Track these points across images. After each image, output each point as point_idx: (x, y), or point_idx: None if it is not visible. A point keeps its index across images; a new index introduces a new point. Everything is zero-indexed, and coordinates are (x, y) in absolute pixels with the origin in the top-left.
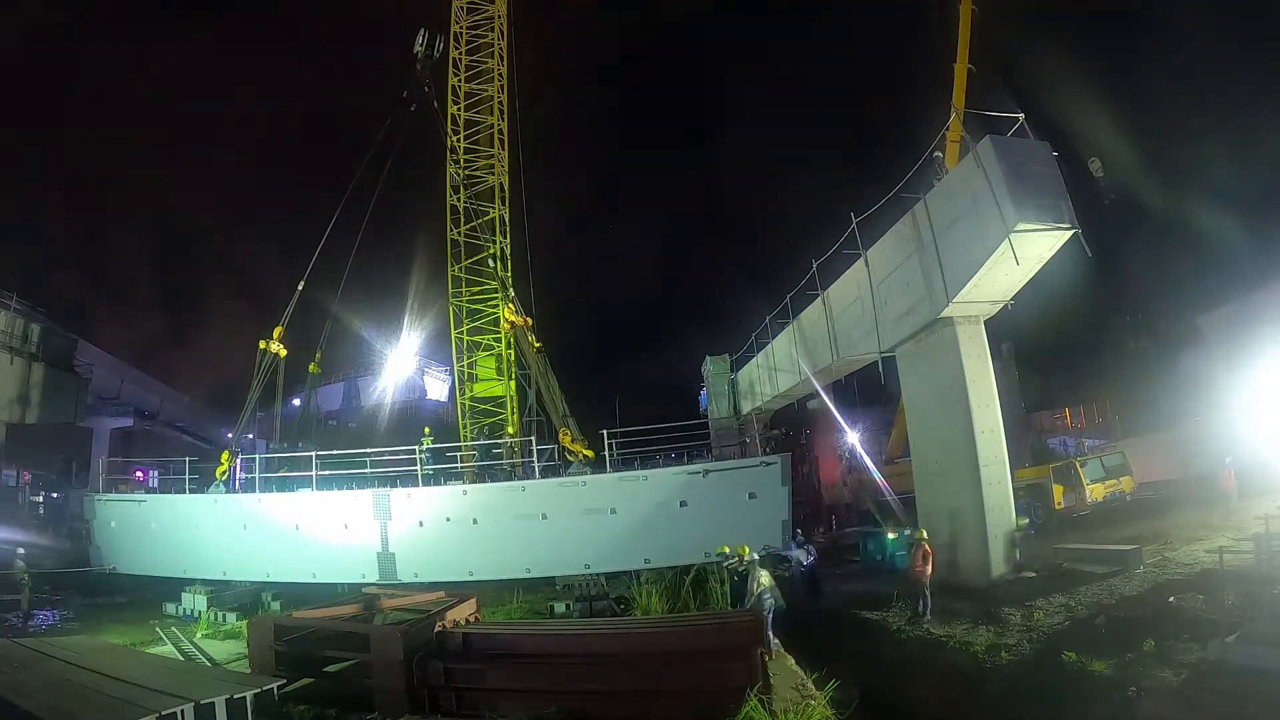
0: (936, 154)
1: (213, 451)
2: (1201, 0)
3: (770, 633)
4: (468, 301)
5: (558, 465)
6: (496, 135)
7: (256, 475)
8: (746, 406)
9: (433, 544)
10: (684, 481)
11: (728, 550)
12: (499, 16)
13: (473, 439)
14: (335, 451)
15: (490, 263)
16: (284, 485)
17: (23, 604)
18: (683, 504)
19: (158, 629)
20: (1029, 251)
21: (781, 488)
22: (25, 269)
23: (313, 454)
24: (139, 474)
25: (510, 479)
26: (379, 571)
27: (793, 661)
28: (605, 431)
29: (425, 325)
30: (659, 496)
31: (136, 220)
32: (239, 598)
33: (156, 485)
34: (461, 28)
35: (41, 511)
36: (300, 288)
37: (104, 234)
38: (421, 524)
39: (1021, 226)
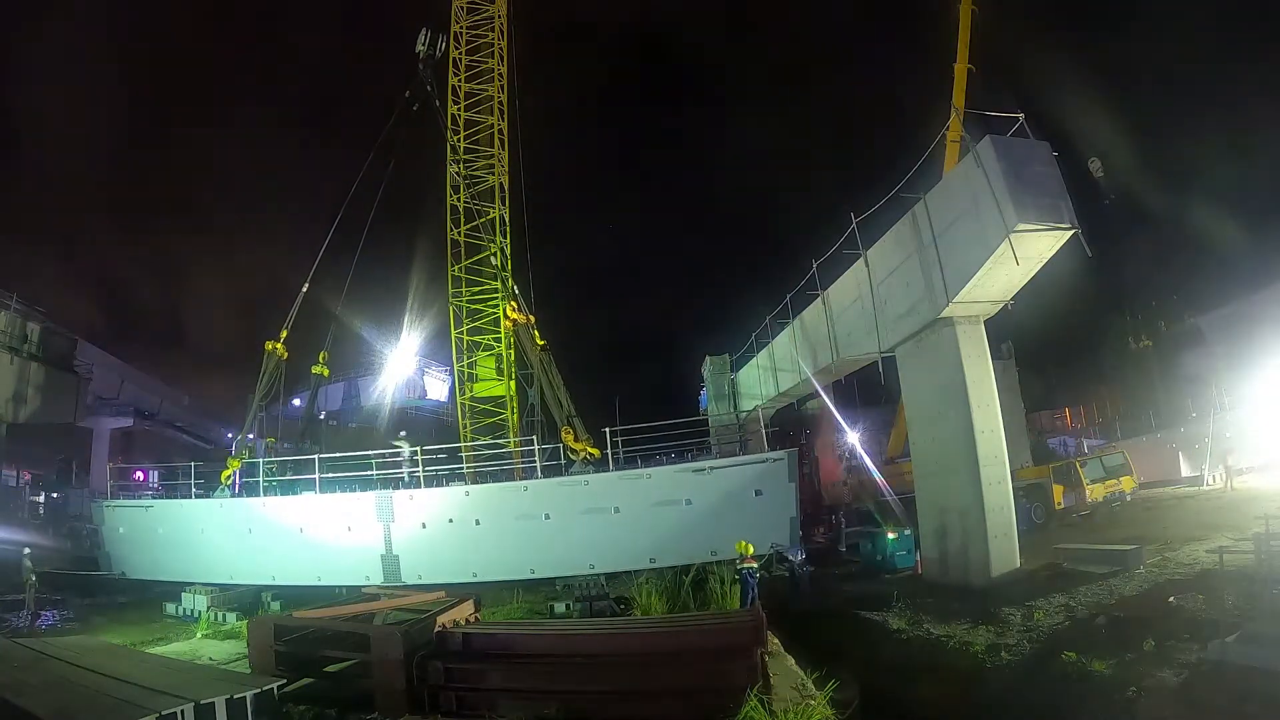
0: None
1: (213, 452)
2: (1201, 1)
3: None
4: (468, 301)
5: (561, 465)
6: (496, 135)
7: (260, 479)
8: (747, 406)
9: (436, 545)
10: (688, 479)
11: (752, 550)
12: (499, 16)
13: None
14: (339, 454)
15: (491, 261)
16: (287, 488)
17: (27, 604)
18: (687, 502)
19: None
20: (1029, 251)
21: (789, 484)
22: (26, 268)
23: (315, 456)
24: (139, 474)
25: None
26: (383, 573)
27: (793, 661)
28: (608, 430)
29: (425, 325)
30: (663, 495)
31: (137, 221)
32: (239, 598)
33: (157, 486)
34: (461, 28)
35: (41, 511)
36: (305, 289)
37: (105, 236)
38: (424, 525)
39: (1021, 226)
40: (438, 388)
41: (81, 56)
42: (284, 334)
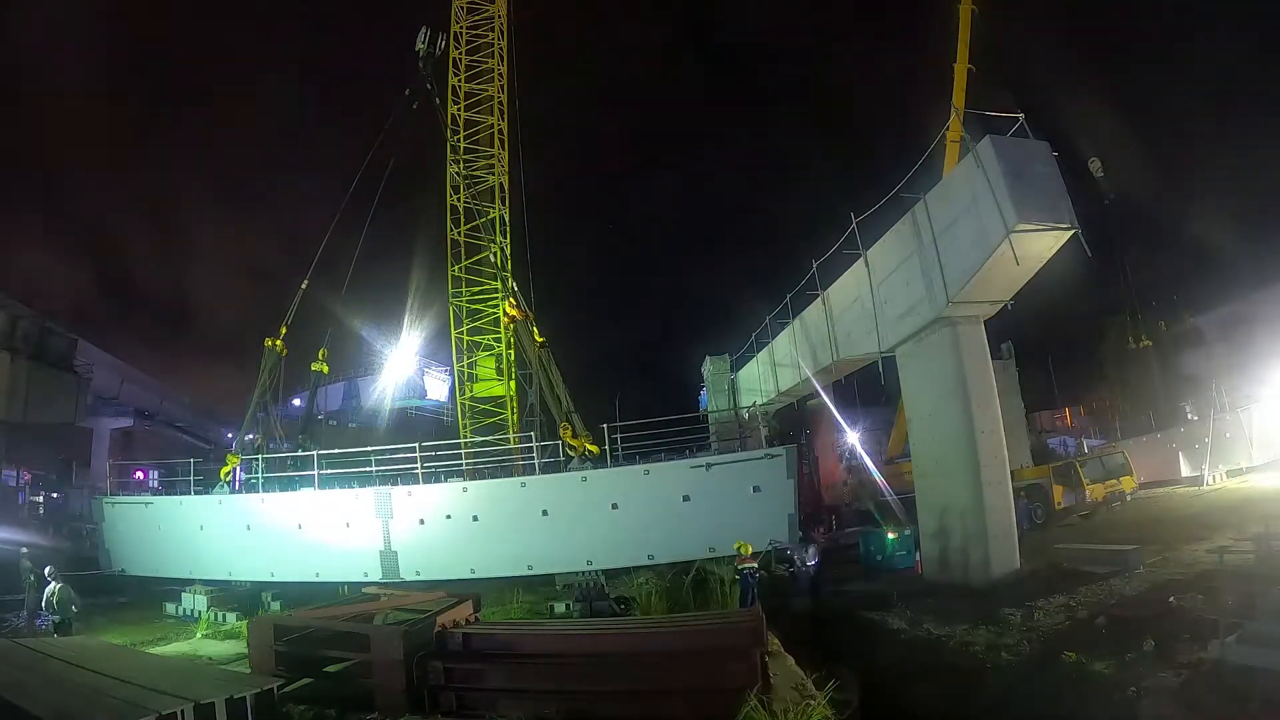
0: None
1: (213, 451)
2: (1202, 2)
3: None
4: (468, 301)
5: (561, 461)
6: (496, 135)
7: (259, 475)
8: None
9: (434, 542)
10: (686, 475)
11: (750, 549)
12: (499, 16)
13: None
14: (337, 450)
15: (491, 260)
16: (286, 485)
17: (27, 604)
18: (685, 498)
19: None
20: (1029, 251)
21: (787, 480)
22: (26, 268)
23: (314, 454)
24: (139, 473)
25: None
26: (382, 570)
27: (793, 661)
28: (606, 426)
29: (425, 325)
30: (661, 491)
31: (137, 222)
32: (239, 598)
33: (158, 485)
34: (461, 28)
35: (41, 511)
36: (304, 286)
37: (106, 235)
38: (423, 522)
39: (1021, 226)
40: (438, 388)
41: (74, 52)
42: (283, 330)
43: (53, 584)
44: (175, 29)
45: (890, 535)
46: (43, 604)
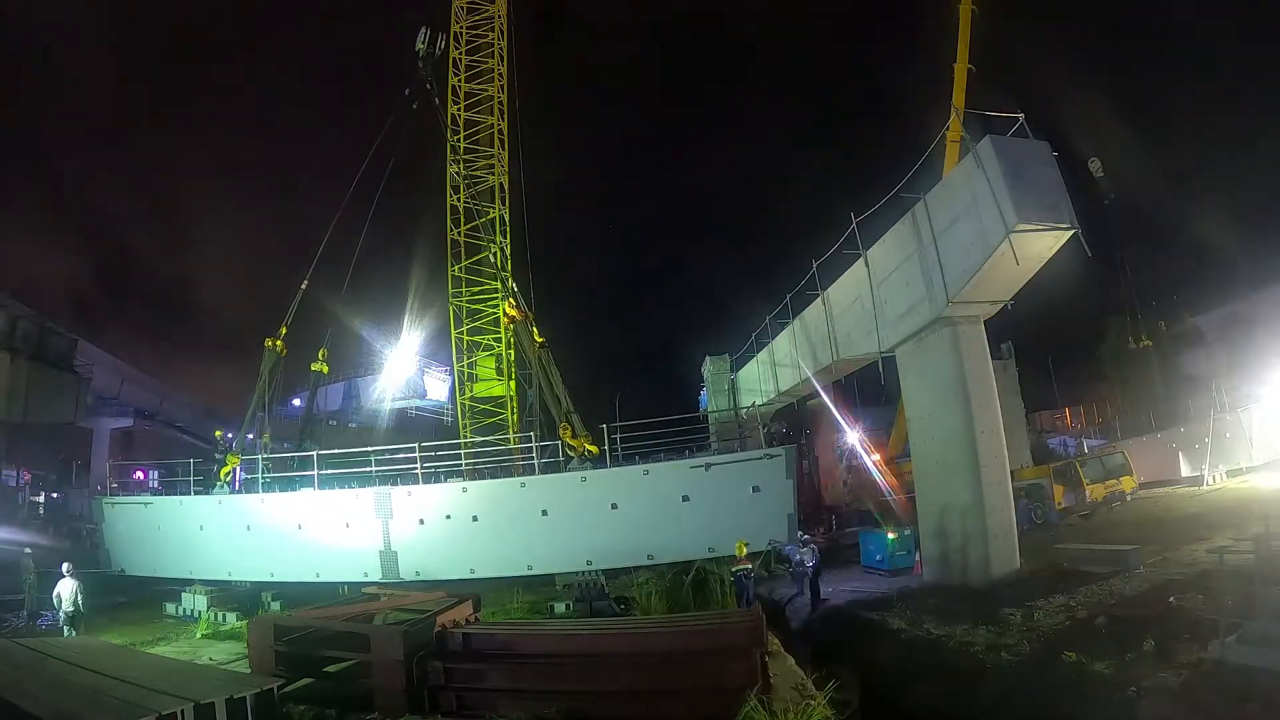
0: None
1: (213, 452)
2: (1203, 2)
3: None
4: (468, 301)
5: (560, 461)
6: (496, 135)
7: (260, 476)
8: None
9: (434, 542)
10: (686, 475)
11: (745, 550)
12: (499, 16)
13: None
14: (337, 451)
15: (491, 260)
16: (286, 485)
17: (27, 604)
18: (685, 498)
19: None
20: (1029, 251)
21: (786, 480)
22: (25, 268)
23: (314, 454)
24: (139, 473)
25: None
26: (381, 570)
27: (793, 661)
28: (605, 426)
29: (425, 325)
30: (660, 491)
31: (137, 221)
32: (239, 598)
33: (158, 485)
34: (461, 28)
35: (41, 512)
36: (304, 286)
37: (105, 235)
38: (422, 522)
39: (1021, 226)
40: (438, 388)
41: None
42: (283, 330)
43: (69, 579)
44: (174, 27)
45: (890, 535)
46: (55, 600)
